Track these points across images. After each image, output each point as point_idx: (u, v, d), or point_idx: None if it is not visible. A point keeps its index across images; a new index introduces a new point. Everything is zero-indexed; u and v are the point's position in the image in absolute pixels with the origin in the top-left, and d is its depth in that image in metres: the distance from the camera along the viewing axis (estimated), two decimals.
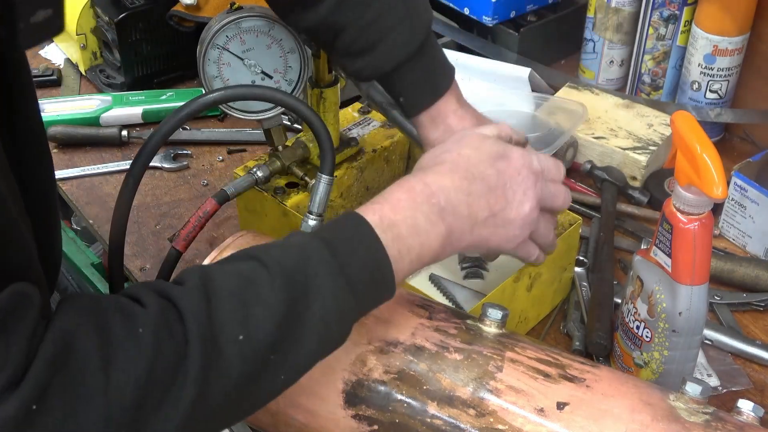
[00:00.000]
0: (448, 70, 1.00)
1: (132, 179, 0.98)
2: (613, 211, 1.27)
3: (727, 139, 1.45)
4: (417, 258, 0.81)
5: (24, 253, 0.69)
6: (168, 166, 1.41)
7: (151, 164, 1.39)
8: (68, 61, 1.64)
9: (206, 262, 0.96)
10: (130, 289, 0.70)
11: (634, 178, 1.33)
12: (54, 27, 0.63)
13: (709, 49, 1.35)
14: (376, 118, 1.30)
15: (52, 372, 0.60)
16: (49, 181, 0.90)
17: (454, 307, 1.11)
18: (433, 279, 1.18)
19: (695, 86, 1.40)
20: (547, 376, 0.82)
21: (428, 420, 0.81)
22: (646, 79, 1.50)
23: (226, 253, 0.96)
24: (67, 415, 0.60)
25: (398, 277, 0.79)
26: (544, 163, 0.91)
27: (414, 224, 0.80)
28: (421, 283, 1.15)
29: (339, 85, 1.15)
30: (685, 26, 1.41)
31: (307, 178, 1.13)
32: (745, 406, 0.82)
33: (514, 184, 0.87)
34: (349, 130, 1.26)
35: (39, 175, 0.86)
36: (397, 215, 0.80)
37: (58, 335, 0.62)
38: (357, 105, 1.32)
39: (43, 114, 1.44)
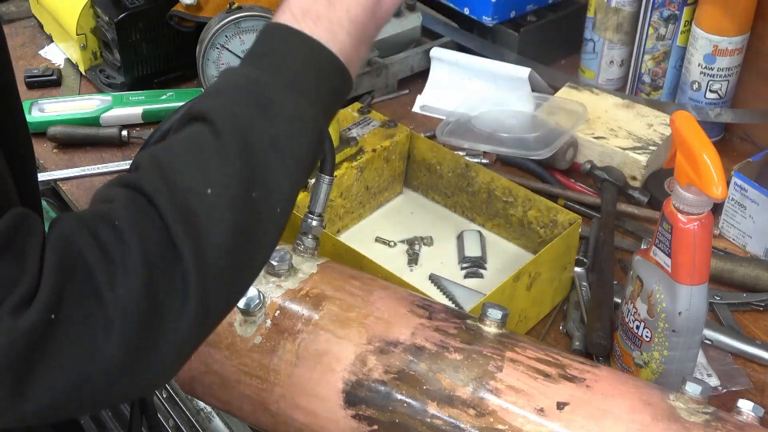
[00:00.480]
0: None
1: None
2: (613, 211, 1.27)
3: (727, 139, 1.45)
4: (351, 24, 0.75)
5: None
6: None
7: None
8: (68, 61, 1.64)
9: None
10: (99, 191, 0.68)
11: (634, 178, 1.33)
12: None
13: (709, 49, 1.35)
14: (376, 117, 1.30)
15: (63, 278, 0.60)
16: (35, 185, 0.89)
17: (454, 306, 1.11)
18: (433, 278, 1.18)
19: (695, 86, 1.40)
20: (547, 375, 0.82)
21: (428, 420, 0.81)
22: (646, 79, 1.50)
23: None
24: (85, 316, 0.60)
25: (346, 55, 0.74)
26: None
27: None
28: (421, 282, 1.15)
29: None
30: (685, 26, 1.41)
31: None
32: (745, 405, 0.82)
33: None
34: (349, 129, 1.26)
35: (25, 179, 0.86)
36: (305, 1, 0.74)
37: (59, 242, 0.62)
38: (357, 105, 1.32)
39: (43, 114, 1.46)
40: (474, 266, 1.20)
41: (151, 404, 1.11)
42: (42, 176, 1.39)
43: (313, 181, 1.02)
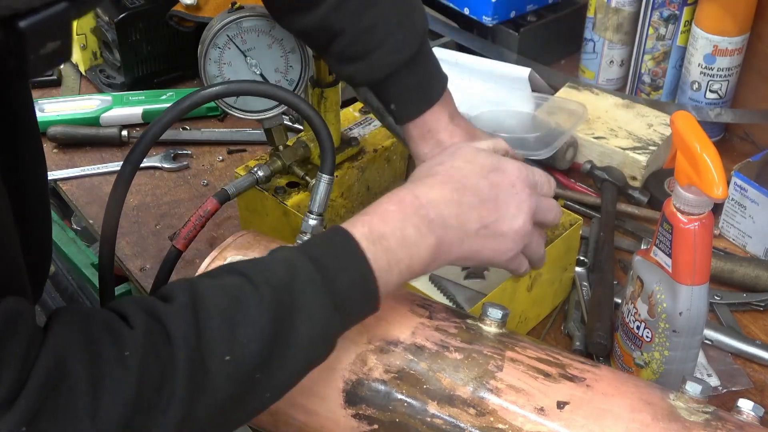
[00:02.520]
0: (440, 80, 0.99)
1: (136, 155, 0.97)
2: (613, 211, 1.27)
3: (727, 139, 1.45)
4: (406, 269, 0.81)
5: (10, 259, 0.69)
6: (168, 166, 1.41)
7: (151, 164, 1.40)
8: (68, 60, 1.64)
9: (206, 261, 0.96)
10: (119, 304, 0.70)
11: (634, 178, 1.33)
12: (62, 56, 0.64)
13: (709, 49, 1.35)
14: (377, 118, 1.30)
15: (44, 395, 0.61)
16: (44, 186, 0.90)
17: (454, 307, 1.11)
18: (434, 279, 1.18)
19: (695, 86, 1.40)
20: (547, 375, 0.82)
21: (428, 419, 0.81)
22: (646, 79, 1.50)
23: (227, 253, 0.96)
24: None
25: (387, 289, 0.79)
26: (537, 177, 0.91)
27: (403, 236, 0.80)
28: (421, 283, 1.15)
29: (340, 85, 1.15)
30: (685, 26, 1.41)
31: (307, 178, 1.13)
32: (745, 405, 0.82)
33: (508, 196, 0.87)
34: (350, 129, 1.26)
35: (35, 179, 0.86)
36: (387, 227, 0.80)
37: (51, 356, 0.62)
38: (358, 105, 1.32)
39: (43, 114, 1.46)
40: (476, 267, 1.19)
41: None
42: None
43: (313, 180, 1.02)
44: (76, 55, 1.60)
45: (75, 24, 1.53)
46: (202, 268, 0.96)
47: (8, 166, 0.71)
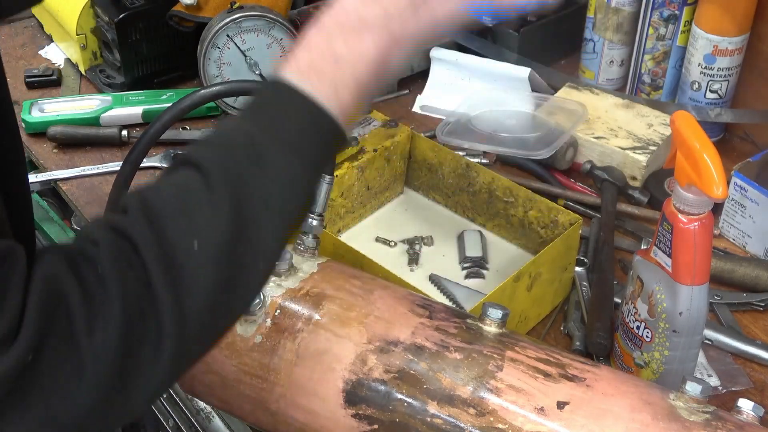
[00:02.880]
0: None
1: (137, 152, 0.96)
2: (613, 211, 1.27)
3: (727, 139, 1.45)
4: (355, 84, 0.75)
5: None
6: (168, 166, 1.40)
7: (151, 164, 1.40)
8: (68, 61, 1.64)
9: None
10: (85, 228, 0.69)
11: (634, 178, 1.33)
12: None
13: (709, 49, 1.35)
14: (377, 117, 1.30)
15: (44, 320, 0.60)
16: (26, 188, 0.89)
17: (454, 306, 1.11)
18: (434, 279, 1.18)
19: (695, 86, 1.40)
20: (547, 375, 0.82)
21: (428, 419, 0.81)
22: (646, 79, 1.50)
23: None
24: (61, 361, 0.61)
25: (345, 113, 0.75)
26: None
27: (333, 55, 0.75)
28: (421, 283, 1.15)
29: None
30: (685, 26, 1.41)
31: None
32: (745, 405, 0.82)
33: None
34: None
35: (16, 180, 0.85)
36: (313, 54, 0.75)
37: (43, 283, 0.61)
38: None
39: (43, 114, 1.46)
40: (475, 266, 1.20)
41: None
42: (42, 176, 1.39)
43: None
44: (76, 55, 1.60)
45: (77, 17, 1.53)
46: None
47: None
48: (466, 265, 1.20)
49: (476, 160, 1.34)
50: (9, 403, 0.60)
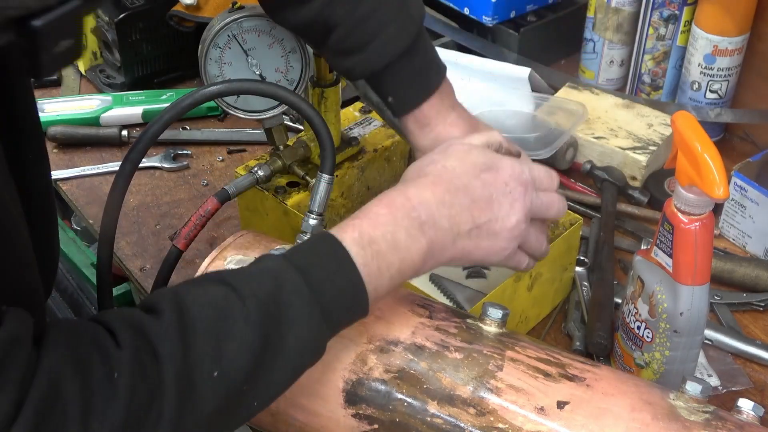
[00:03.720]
0: (438, 70, 0.97)
1: (136, 153, 0.96)
2: (613, 211, 1.27)
3: (727, 139, 1.45)
4: (397, 273, 0.80)
5: (23, 255, 0.69)
6: (168, 166, 1.41)
7: (151, 164, 1.40)
8: None
9: (206, 261, 0.96)
10: (106, 317, 0.69)
11: (634, 178, 1.33)
12: (74, 54, 0.64)
13: (709, 49, 1.35)
14: (377, 117, 1.30)
15: (39, 419, 0.60)
16: (48, 183, 0.90)
17: (454, 306, 1.11)
18: (434, 278, 1.18)
19: (695, 86, 1.40)
20: (547, 375, 0.82)
21: (428, 419, 0.81)
22: (646, 79, 1.50)
23: (226, 253, 0.96)
24: None
25: (378, 293, 0.79)
26: (535, 172, 0.90)
27: (394, 239, 0.79)
28: (421, 282, 1.15)
29: (340, 84, 1.15)
30: (685, 26, 1.41)
31: (308, 178, 1.13)
32: (746, 405, 0.82)
33: (501, 195, 0.86)
34: (350, 129, 1.26)
35: (39, 177, 0.86)
36: (377, 231, 0.79)
37: (45, 380, 0.62)
38: (358, 104, 1.32)
39: (43, 114, 1.46)
40: (476, 266, 1.19)
41: None
42: None
43: (314, 180, 1.02)
44: None
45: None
46: (202, 268, 0.96)
47: (13, 165, 0.71)
48: (467, 266, 1.20)
49: None
50: None
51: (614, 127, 1.38)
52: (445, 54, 1.54)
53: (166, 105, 1.47)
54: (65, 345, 0.64)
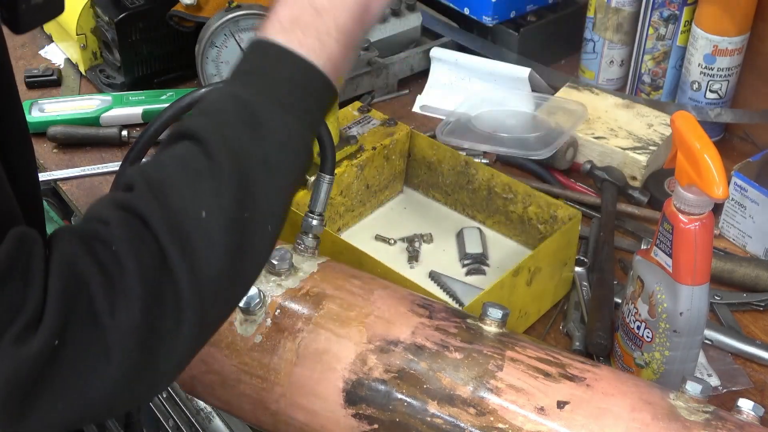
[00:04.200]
0: None
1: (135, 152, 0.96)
2: (613, 211, 1.27)
3: (727, 139, 1.45)
4: (339, 33, 0.75)
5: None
6: None
7: None
8: (68, 61, 1.64)
9: None
10: (95, 208, 0.68)
11: (634, 178, 1.33)
12: (55, 8, 0.63)
13: (709, 49, 1.35)
14: (376, 116, 1.30)
15: (66, 305, 0.61)
16: (36, 186, 0.89)
17: (454, 303, 1.11)
18: (433, 276, 1.18)
19: (695, 86, 1.40)
20: (547, 375, 0.82)
21: (428, 419, 0.81)
22: (646, 79, 1.50)
23: None
24: (87, 343, 0.61)
25: (334, 61, 0.75)
26: None
27: (313, 5, 0.75)
28: (421, 280, 1.15)
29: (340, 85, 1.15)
30: (685, 26, 1.41)
31: (307, 177, 1.13)
32: (746, 405, 0.82)
33: None
34: (349, 128, 1.26)
35: (27, 181, 0.86)
36: (294, 8, 0.75)
37: (63, 267, 0.62)
38: (357, 104, 1.32)
39: (43, 114, 1.46)
40: (476, 263, 1.20)
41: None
42: (42, 176, 1.39)
43: (313, 179, 1.02)
44: (76, 55, 1.60)
45: (77, 17, 1.53)
46: None
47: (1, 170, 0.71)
48: (466, 262, 1.20)
49: (476, 160, 1.34)
50: (40, 386, 0.60)
51: (614, 127, 1.38)
52: (445, 54, 1.54)
53: (166, 105, 1.48)
54: (72, 238, 0.64)
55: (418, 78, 1.57)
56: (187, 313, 0.64)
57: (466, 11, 1.61)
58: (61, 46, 1.67)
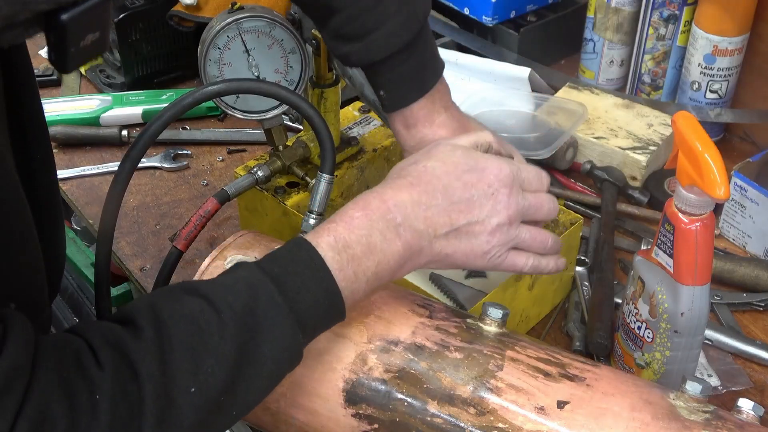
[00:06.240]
0: (436, 71, 0.95)
1: (136, 151, 0.96)
2: (613, 211, 1.27)
3: (727, 139, 1.45)
4: (374, 276, 0.80)
5: (31, 257, 0.69)
6: (168, 166, 1.41)
7: (151, 164, 1.40)
8: None
9: (206, 261, 0.96)
10: (88, 332, 0.69)
11: (634, 178, 1.33)
12: (100, 47, 0.64)
13: (709, 49, 1.35)
14: (377, 117, 1.30)
15: None
16: (54, 184, 0.90)
17: (455, 306, 1.11)
18: (434, 278, 1.18)
19: (695, 86, 1.40)
20: (547, 374, 0.82)
21: (428, 419, 0.81)
22: (646, 79, 1.50)
23: (227, 253, 0.96)
24: None
25: (355, 298, 0.79)
26: (524, 174, 0.88)
27: (369, 243, 0.79)
28: (421, 282, 1.15)
29: (340, 85, 1.15)
30: (685, 26, 1.41)
31: (307, 178, 1.13)
32: (746, 405, 0.82)
33: (483, 197, 0.85)
34: (350, 129, 1.26)
35: (45, 179, 0.86)
36: (352, 235, 0.78)
37: (35, 409, 0.62)
38: (358, 104, 1.32)
39: None
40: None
41: None
42: None
43: (313, 180, 1.02)
44: None
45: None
46: (202, 268, 0.96)
47: (20, 168, 0.71)
48: (457, 269, 1.20)
49: None
50: None
51: (614, 127, 1.38)
52: (445, 54, 1.54)
53: (166, 105, 1.48)
54: (53, 368, 0.65)
55: None
56: None
57: (466, 11, 1.61)
58: None
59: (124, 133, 1.45)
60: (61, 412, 0.63)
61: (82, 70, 1.60)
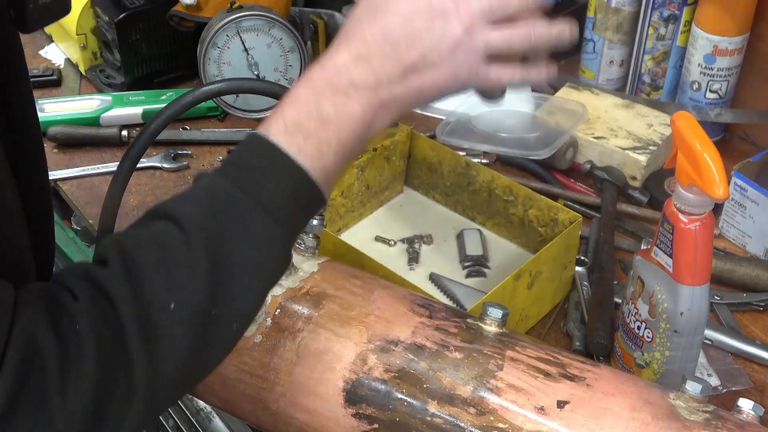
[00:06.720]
0: None
1: (135, 150, 0.96)
2: (613, 211, 1.27)
3: (727, 139, 1.45)
4: (339, 146, 0.74)
5: (21, 253, 0.69)
6: (168, 166, 1.41)
7: (152, 164, 1.40)
8: (68, 61, 1.64)
9: None
10: (64, 275, 0.68)
11: (634, 178, 1.33)
12: (62, 8, 0.63)
13: (709, 49, 1.35)
14: None
15: (19, 378, 0.60)
16: (45, 180, 0.89)
17: (455, 306, 1.11)
18: (434, 278, 1.18)
19: (695, 86, 1.40)
20: (547, 374, 0.82)
21: (428, 419, 0.81)
22: (646, 79, 1.50)
23: None
24: (33, 418, 0.61)
25: (328, 173, 0.74)
26: None
27: (320, 115, 0.74)
28: (421, 281, 1.15)
29: None
30: (685, 26, 1.41)
31: None
32: (746, 405, 0.82)
33: (427, 20, 0.76)
34: None
35: (36, 175, 0.86)
36: (301, 112, 0.74)
37: (23, 339, 0.62)
38: None
39: (43, 114, 1.46)
40: (476, 265, 1.20)
41: None
42: None
43: None
44: (76, 55, 1.60)
45: (77, 17, 1.53)
46: None
47: (12, 163, 0.71)
48: (467, 264, 1.20)
49: (476, 160, 1.34)
50: None
51: (614, 127, 1.38)
52: None
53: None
54: (33, 304, 0.64)
55: None
56: (137, 404, 0.64)
57: None
58: (61, 46, 1.67)
59: (124, 133, 1.45)
60: (48, 343, 0.62)
61: (82, 70, 1.60)
